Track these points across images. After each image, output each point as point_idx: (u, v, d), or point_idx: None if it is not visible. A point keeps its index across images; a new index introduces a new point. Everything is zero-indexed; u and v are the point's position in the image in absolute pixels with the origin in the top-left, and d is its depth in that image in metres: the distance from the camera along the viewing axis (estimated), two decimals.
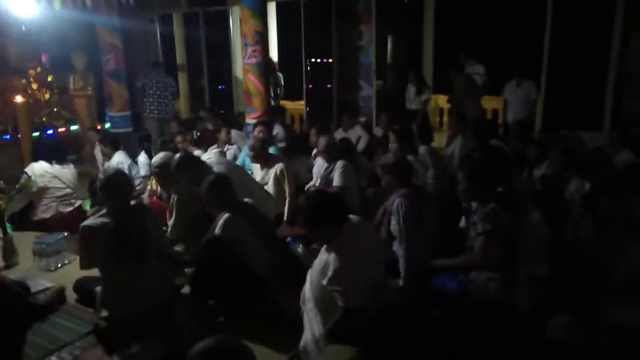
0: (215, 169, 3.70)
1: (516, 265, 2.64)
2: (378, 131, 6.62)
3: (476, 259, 2.62)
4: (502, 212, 2.58)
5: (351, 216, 2.41)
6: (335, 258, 2.24)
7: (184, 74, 10.46)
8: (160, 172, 3.72)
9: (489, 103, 7.24)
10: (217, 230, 2.94)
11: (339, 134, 6.41)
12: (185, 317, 2.91)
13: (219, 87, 10.43)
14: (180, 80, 10.18)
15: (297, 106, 9.16)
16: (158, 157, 3.79)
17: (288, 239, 3.53)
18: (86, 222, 2.83)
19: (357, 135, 6.46)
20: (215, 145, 5.56)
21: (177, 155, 3.65)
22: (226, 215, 2.96)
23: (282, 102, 8.58)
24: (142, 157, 5.43)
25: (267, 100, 6.39)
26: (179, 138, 5.27)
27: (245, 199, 3.22)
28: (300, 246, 3.41)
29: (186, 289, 3.16)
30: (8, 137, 6.28)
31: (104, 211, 2.87)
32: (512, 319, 2.50)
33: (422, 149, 4.31)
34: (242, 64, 6.58)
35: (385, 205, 3.04)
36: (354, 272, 2.23)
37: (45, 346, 2.63)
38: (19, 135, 6.11)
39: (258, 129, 5.20)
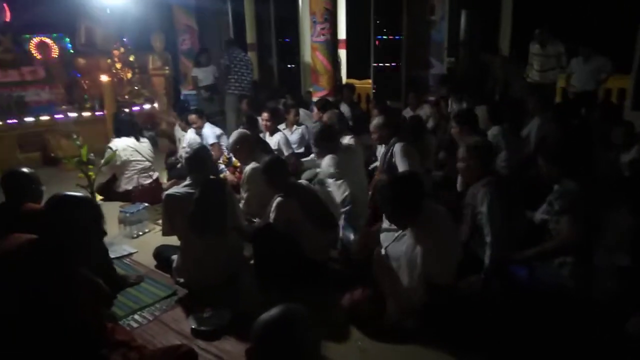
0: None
1: (593, 252, 2.48)
2: (407, 112, 6.34)
3: (565, 240, 2.43)
4: (582, 193, 2.43)
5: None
6: (422, 239, 2.33)
7: (254, 53, 10.65)
8: (237, 148, 3.87)
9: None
10: (271, 214, 3.03)
11: (407, 113, 6.28)
12: (252, 288, 3.04)
13: (288, 66, 10.55)
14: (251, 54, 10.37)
15: (364, 85, 9.06)
16: (236, 133, 3.94)
17: (342, 224, 3.44)
18: (170, 191, 3.03)
19: (425, 114, 6.29)
20: (284, 125, 5.64)
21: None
22: (278, 198, 3.02)
23: (350, 81, 8.52)
24: (208, 128, 5.55)
25: (335, 79, 6.38)
26: (265, 115, 5.34)
27: (302, 181, 3.28)
28: (352, 233, 3.35)
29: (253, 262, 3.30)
30: (102, 113, 6.70)
31: (187, 182, 3.05)
32: (586, 309, 2.37)
33: (494, 130, 4.12)
34: (310, 42, 6.60)
35: (466, 197, 2.82)
36: (441, 252, 2.34)
37: (130, 306, 2.87)
38: (104, 112, 6.59)
39: (317, 107, 5.19)
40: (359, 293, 2.63)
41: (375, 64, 8.72)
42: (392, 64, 8.54)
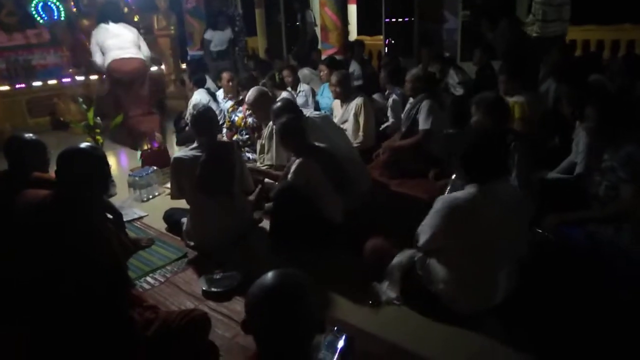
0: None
1: None
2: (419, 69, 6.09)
3: (624, 208, 2.33)
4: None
5: None
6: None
7: (261, 10, 10.33)
8: (256, 106, 3.81)
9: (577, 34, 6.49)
10: (291, 176, 2.98)
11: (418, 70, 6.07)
12: (262, 250, 3.05)
13: (296, 23, 10.24)
14: (257, 17, 10.09)
15: (375, 41, 8.78)
16: (254, 90, 3.86)
17: None
18: (177, 154, 3.01)
19: (437, 70, 6.09)
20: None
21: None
22: (299, 160, 2.96)
23: (360, 37, 8.25)
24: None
25: (345, 36, 6.18)
26: (286, 72, 5.23)
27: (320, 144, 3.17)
28: None
29: (264, 224, 3.31)
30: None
31: (194, 145, 3.02)
32: None
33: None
34: None
35: None
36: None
37: (142, 268, 2.91)
38: None
39: (325, 66, 5.05)
40: (381, 240, 2.60)
41: (386, 19, 8.40)
42: (405, 19, 8.22)
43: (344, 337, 1.57)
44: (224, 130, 4.75)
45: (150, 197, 3.96)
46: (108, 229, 2.06)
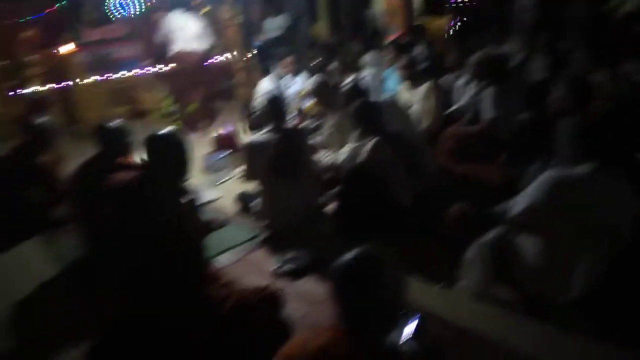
0: None
1: None
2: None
3: None
4: None
5: None
6: None
7: None
8: (317, 94, 3.89)
9: None
10: (362, 156, 3.00)
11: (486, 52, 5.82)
12: (329, 233, 3.11)
13: (360, 7, 10.12)
14: (320, 3, 10.06)
15: (441, 24, 8.50)
16: (317, 78, 3.94)
17: None
18: (251, 138, 3.16)
19: (510, 50, 5.80)
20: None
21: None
22: (372, 140, 2.99)
23: (425, 20, 8.02)
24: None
25: (410, 19, 6.06)
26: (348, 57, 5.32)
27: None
28: None
29: (330, 208, 3.36)
30: None
31: (266, 130, 3.15)
32: None
33: None
34: None
35: None
36: None
37: (216, 248, 3.04)
38: None
39: (387, 52, 5.01)
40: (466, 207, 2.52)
41: (452, 1, 8.11)
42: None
43: (417, 316, 1.59)
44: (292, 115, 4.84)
45: (223, 180, 4.15)
46: (187, 209, 2.20)
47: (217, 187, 4.08)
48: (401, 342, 1.44)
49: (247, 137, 3.91)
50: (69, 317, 2.53)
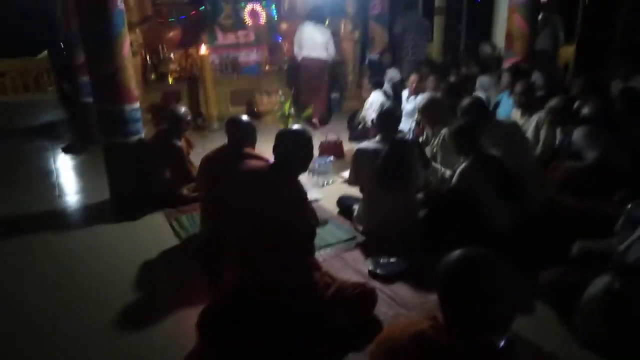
0: None
1: None
2: (617, 83, 5.23)
3: None
4: None
5: None
6: None
7: (441, 17, 10.32)
8: (426, 111, 4.00)
9: None
10: (454, 180, 3.04)
11: (616, 85, 5.47)
12: (423, 244, 3.14)
13: (474, 32, 9.99)
14: (436, 24, 10.11)
15: (565, 52, 8.09)
16: (426, 97, 4.07)
17: None
18: (361, 145, 3.33)
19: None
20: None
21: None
22: (464, 164, 3.01)
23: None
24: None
25: (531, 44, 5.88)
26: (413, 78, 5.41)
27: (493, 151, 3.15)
28: None
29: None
30: None
31: (377, 139, 3.30)
32: None
33: None
34: (507, 4, 6.15)
35: None
36: None
37: (317, 243, 3.25)
38: None
39: (509, 74, 4.93)
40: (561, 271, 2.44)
41: (582, 26, 7.69)
42: (605, 28, 7.41)
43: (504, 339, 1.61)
44: (412, 124, 4.97)
45: (327, 183, 4.40)
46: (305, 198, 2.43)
47: (321, 188, 4.33)
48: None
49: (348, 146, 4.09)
50: (187, 282, 2.89)
